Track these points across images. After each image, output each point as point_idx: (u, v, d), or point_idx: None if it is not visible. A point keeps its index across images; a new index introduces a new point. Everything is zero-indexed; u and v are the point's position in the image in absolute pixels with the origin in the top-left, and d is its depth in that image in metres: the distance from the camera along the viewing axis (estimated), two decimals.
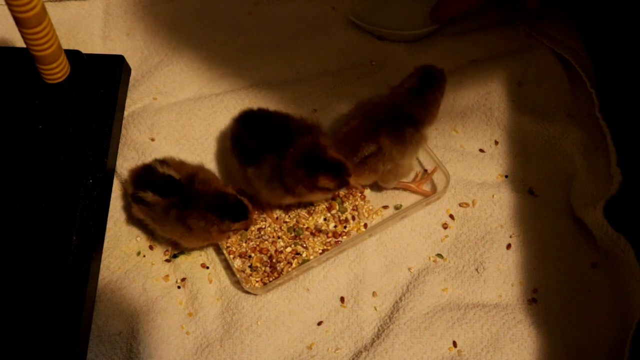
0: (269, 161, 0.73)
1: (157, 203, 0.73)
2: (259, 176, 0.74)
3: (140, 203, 0.74)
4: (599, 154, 0.82)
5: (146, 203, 0.73)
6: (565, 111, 0.85)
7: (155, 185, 0.73)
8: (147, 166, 0.76)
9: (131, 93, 0.87)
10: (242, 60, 0.90)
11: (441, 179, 0.81)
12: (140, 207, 0.75)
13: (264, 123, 0.76)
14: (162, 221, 0.73)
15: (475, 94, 0.86)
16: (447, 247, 0.79)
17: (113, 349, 0.75)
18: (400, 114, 0.75)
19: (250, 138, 0.75)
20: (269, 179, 0.74)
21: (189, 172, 0.75)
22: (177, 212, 0.72)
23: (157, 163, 0.75)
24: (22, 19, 0.67)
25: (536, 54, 0.88)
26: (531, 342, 0.73)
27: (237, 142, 0.77)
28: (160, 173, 0.74)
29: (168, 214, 0.72)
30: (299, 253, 0.78)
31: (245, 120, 0.77)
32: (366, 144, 0.74)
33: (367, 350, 0.74)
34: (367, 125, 0.75)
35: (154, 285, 0.77)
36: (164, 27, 0.92)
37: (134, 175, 0.76)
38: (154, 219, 0.74)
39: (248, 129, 0.76)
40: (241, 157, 0.76)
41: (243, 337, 0.74)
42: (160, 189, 0.73)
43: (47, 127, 0.76)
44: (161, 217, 0.73)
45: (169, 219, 0.72)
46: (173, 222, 0.72)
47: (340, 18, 0.92)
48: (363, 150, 0.75)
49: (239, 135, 0.76)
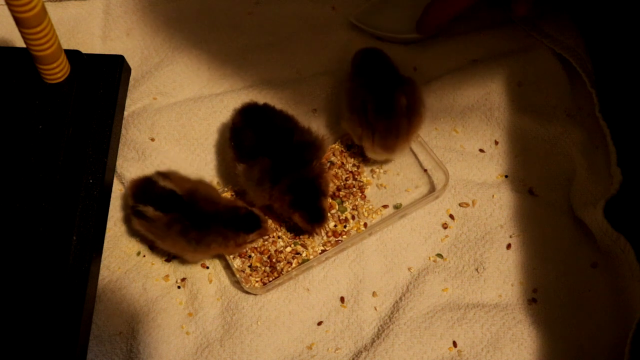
0: (261, 163, 0.74)
1: (158, 219, 0.72)
2: (249, 176, 0.74)
3: (141, 217, 0.74)
4: (599, 154, 0.82)
5: (147, 218, 0.73)
6: (565, 111, 0.85)
7: (157, 200, 0.73)
8: (148, 179, 0.75)
9: (131, 93, 0.87)
10: (242, 60, 0.90)
11: (441, 179, 0.81)
12: (140, 222, 0.74)
13: (266, 120, 0.76)
14: (164, 236, 0.73)
15: (475, 94, 0.86)
16: (447, 247, 0.79)
17: (113, 349, 0.75)
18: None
19: (249, 133, 0.75)
20: (257, 180, 0.74)
21: (189, 188, 0.74)
22: (180, 227, 0.72)
23: (159, 177, 0.75)
24: (22, 19, 0.67)
25: (536, 54, 0.88)
26: (531, 342, 0.73)
27: (236, 135, 0.77)
28: (161, 187, 0.73)
29: (169, 230, 0.72)
30: (298, 253, 0.78)
31: (248, 113, 0.77)
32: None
33: (367, 350, 0.74)
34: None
35: (154, 285, 0.77)
36: (164, 27, 0.92)
37: (133, 188, 0.75)
38: (154, 233, 0.74)
39: (249, 124, 0.76)
40: (237, 151, 0.76)
41: (243, 337, 0.74)
42: (161, 205, 0.72)
43: (47, 127, 0.76)
44: (162, 232, 0.73)
45: (170, 234, 0.72)
46: (175, 237, 0.72)
47: (340, 18, 0.92)
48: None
49: (240, 127, 0.76)
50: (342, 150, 0.83)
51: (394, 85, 0.77)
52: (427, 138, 0.84)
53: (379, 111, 0.76)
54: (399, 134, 0.77)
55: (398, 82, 0.78)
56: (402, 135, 0.77)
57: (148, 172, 0.81)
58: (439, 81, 0.87)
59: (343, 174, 0.82)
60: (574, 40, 0.87)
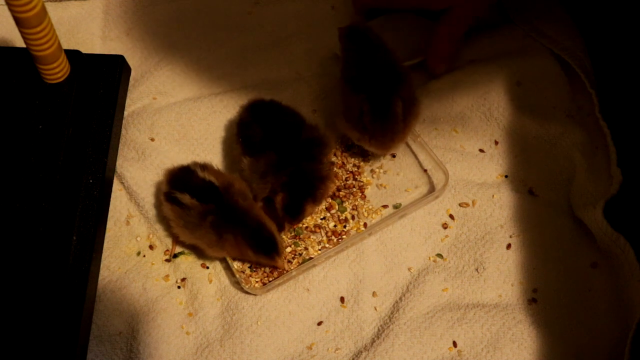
0: (268, 157, 0.74)
1: (194, 207, 0.73)
2: (254, 169, 0.75)
3: (174, 203, 0.74)
4: (599, 154, 0.82)
5: (181, 204, 0.73)
6: (565, 111, 0.85)
7: (194, 189, 0.73)
8: (186, 168, 0.76)
9: (131, 93, 0.87)
10: (242, 60, 0.90)
11: (441, 179, 0.81)
12: (173, 208, 0.74)
13: (274, 116, 0.77)
14: (195, 226, 0.73)
15: (475, 94, 0.86)
16: (447, 247, 0.79)
17: (113, 349, 0.75)
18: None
19: (257, 128, 0.76)
20: (262, 173, 0.74)
21: (226, 180, 0.74)
22: (214, 219, 0.72)
23: (198, 167, 0.75)
24: (22, 19, 0.67)
25: (535, 54, 0.88)
26: (531, 342, 0.73)
27: (243, 129, 0.77)
28: (200, 177, 0.74)
29: (204, 220, 0.72)
30: (299, 253, 0.78)
31: (255, 109, 0.78)
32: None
33: (367, 350, 0.74)
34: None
35: (154, 285, 0.77)
36: (164, 27, 0.92)
37: (170, 175, 0.76)
38: (186, 222, 0.74)
39: (257, 119, 0.77)
40: (244, 145, 0.76)
41: (243, 337, 0.74)
42: (199, 194, 0.73)
43: (47, 127, 0.76)
44: (195, 222, 0.73)
45: (203, 225, 0.72)
46: (207, 229, 0.72)
47: (340, 18, 0.92)
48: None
49: (247, 122, 0.77)
50: (342, 150, 0.83)
51: (389, 88, 0.77)
52: (427, 138, 0.84)
53: (375, 118, 0.76)
54: (394, 136, 0.78)
55: (394, 81, 0.77)
56: (398, 136, 0.78)
57: (148, 172, 0.82)
58: (438, 81, 0.87)
59: (343, 174, 0.82)
60: (573, 41, 0.87)
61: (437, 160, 0.81)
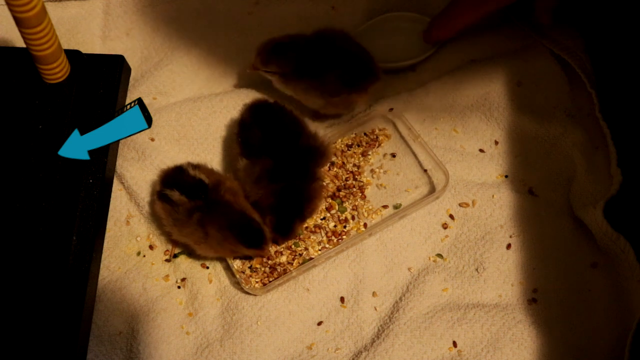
0: (264, 162, 0.74)
1: (182, 204, 0.73)
2: (249, 172, 0.75)
3: (165, 201, 0.74)
4: (599, 154, 0.82)
5: (171, 202, 0.73)
6: (565, 111, 0.85)
7: (184, 186, 0.74)
8: (179, 167, 0.76)
9: (131, 93, 0.87)
10: (242, 60, 0.90)
11: (441, 179, 0.81)
12: (163, 206, 0.75)
13: (275, 120, 0.77)
14: (183, 223, 0.73)
15: (475, 94, 0.86)
16: (447, 247, 0.79)
17: (113, 349, 0.75)
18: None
19: (257, 132, 0.76)
20: (256, 178, 0.75)
21: (216, 179, 0.75)
22: (200, 215, 0.72)
23: (190, 166, 0.76)
24: (22, 19, 0.67)
25: (535, 54, 0.88)
26: (531, 342, 0.73)
27: (243, 131, 0.77)
28: (190, 175, 0.75)
29: (191, 217, 0.72)
30: (299, 253, 0.78)
31: (257, 110, 0.78)
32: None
33: (367, 350, 0.74)
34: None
35: (154, 285, 0.77)
36: (164, 27, 0.92)
37: (163, 174, 0.77)
38: (175, 219, 0.74)
39: (258, 122, 0.77)
40: (243, 147, 0.76)
41: (243, 337, 0.74)
42: (188, 191, 0.73)
43: (47, 127, 0.76)
44: (183, 219, 0.73)
45: (190, 222, 0.73)
46: (194, 225, 0.72)
47: (340, 18, 0.92)
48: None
49: (248, 124, 0.77)
50: (342, 150, 0.83)
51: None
52: (427, 138, 0.84)
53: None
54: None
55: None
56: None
57: (148, 172, 0.82)
58: (438, 81, 0.87)
59: (343, 174, 0.82)
60: (573, 41, 0.87)
61: (437, 161, 0.81)
